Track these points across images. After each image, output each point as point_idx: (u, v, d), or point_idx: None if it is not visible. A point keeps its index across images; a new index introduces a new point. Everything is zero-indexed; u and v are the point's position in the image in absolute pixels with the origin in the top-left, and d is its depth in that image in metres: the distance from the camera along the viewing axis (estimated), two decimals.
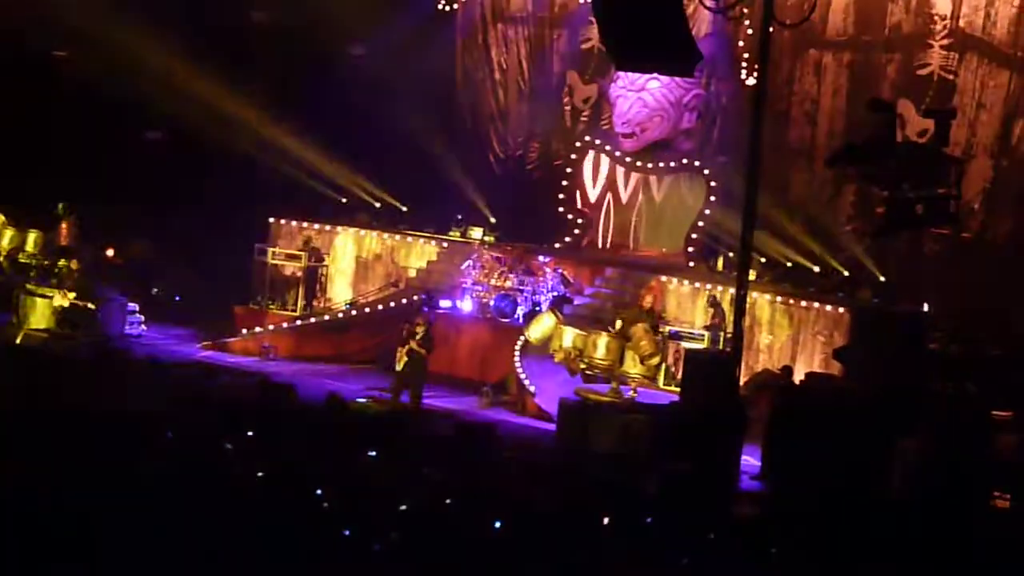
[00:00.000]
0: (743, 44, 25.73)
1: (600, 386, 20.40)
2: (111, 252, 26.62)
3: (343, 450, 16.68)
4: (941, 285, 23.10)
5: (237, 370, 21.95)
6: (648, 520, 13.06)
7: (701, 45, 18.01)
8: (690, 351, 20.97)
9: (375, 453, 16.49)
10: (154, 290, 27.33)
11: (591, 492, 13.97)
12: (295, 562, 10.49)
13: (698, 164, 26.18)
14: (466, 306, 23.99)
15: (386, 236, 26.96)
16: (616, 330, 20.30)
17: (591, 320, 22.40)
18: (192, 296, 27.28)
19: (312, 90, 27.81)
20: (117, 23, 25.95)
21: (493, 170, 29.17)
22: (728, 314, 21.61)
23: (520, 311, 23.34)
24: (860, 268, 24.32)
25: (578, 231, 27.08)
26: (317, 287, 26.59)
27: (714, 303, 22.82)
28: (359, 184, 28.33)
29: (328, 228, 27.28)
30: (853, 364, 19.64)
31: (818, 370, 21.20)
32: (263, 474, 12.88)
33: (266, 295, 26.14)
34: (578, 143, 27.37)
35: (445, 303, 24.03)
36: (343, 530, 11.24)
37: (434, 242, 26.54)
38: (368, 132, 27.30)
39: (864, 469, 16.63)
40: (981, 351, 19.95)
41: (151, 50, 26.59)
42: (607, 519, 12.44)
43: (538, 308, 22.87)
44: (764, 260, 24.24)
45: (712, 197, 25.71)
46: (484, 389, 22.24)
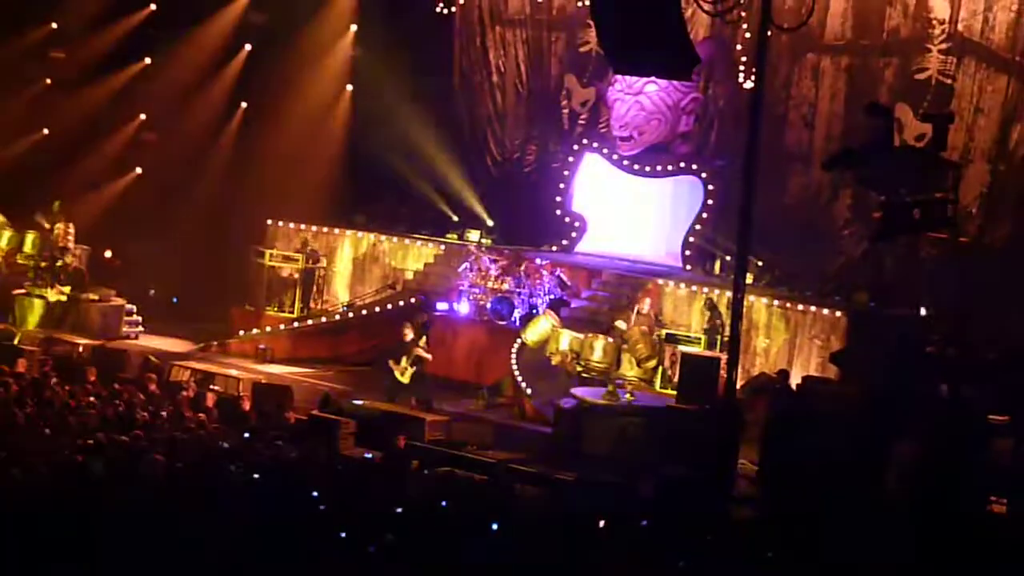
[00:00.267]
0: (741, 48, 25.70)
1: (596, 389, 20.43)
2: (109, 253, 26.64)
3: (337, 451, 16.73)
4: (938, 289, 23.06)
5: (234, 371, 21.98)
6: (645, 523, 13.10)
7: (699, 48, 17.99)
8: (687, 354, 20.96)
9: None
10: (151, 291, 27.31)
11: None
12: (294, 562, 10.50)
13: (695, 167, 26.18)
14: (463, 308, 23.99)
15: (383, 238, 26.96)
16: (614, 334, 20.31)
17: (588, 323, 22.40)
18: (190, 297, 27.31)
19: None
20: None
21: (490, 173, 29.16)
22: (725, 317, 21.61)
23: (517, 314, 23.33)
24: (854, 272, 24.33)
25: (575, 234, 27.06)
26: (314, 289, 26.58)
27: (711, 306, 22.82)
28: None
29: (326, 230, 27.28)
30: (850, 368, 19.65)
31: (815, 374, 21.19)
32: (260, 475, 12.90)
33: (263, 297, 26.14)
34: (576, 146, 27.36)
35: (442, 305, 24.03)
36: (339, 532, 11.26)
37: (431, 244, 26.56)
38: None
39: (860, 472, 16.65)
40: (978, 355, 19.91)
41: None
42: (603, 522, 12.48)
43: (535, 311, 22.85)
44: (760, 263, 24.23)
45: (709, 200, 25.72)
46: (480, 391, 22.25)
